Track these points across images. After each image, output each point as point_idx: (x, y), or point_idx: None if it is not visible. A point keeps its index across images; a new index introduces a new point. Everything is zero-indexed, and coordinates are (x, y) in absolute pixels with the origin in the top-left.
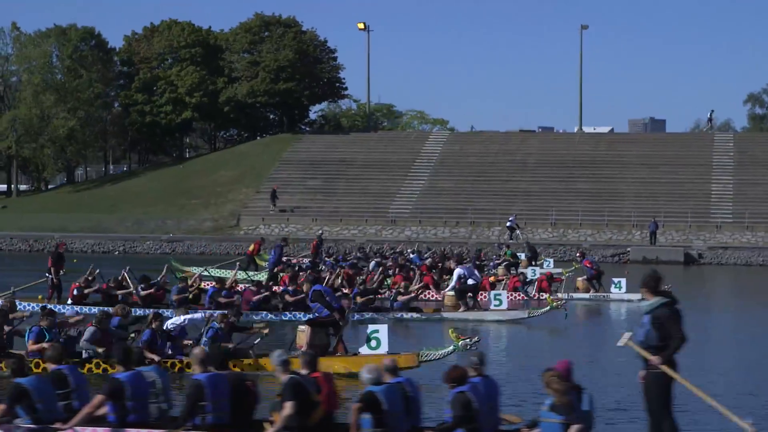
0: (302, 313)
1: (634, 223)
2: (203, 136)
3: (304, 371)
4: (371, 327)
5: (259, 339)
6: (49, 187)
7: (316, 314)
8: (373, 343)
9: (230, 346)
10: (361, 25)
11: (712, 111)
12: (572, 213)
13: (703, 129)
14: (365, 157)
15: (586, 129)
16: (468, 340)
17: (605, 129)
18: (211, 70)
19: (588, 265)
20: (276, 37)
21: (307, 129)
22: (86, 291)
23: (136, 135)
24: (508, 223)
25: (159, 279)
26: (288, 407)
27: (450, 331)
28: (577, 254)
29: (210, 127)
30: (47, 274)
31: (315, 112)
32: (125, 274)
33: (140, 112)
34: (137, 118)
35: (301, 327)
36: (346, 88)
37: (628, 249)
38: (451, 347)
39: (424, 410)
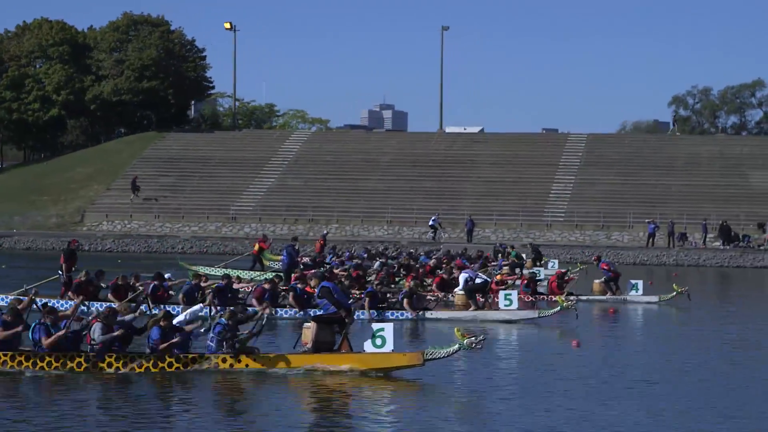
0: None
1: (467, 221)
2: (85, 134)
3: None
4: (376, 325)
5: (259, 324)
6: None
7: (322, 311)
8: (378, 341)
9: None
10: (228, 25)
11: (676, 113)
12: (409, 211)
13: (668, 132)
14: (223, 155)
15: (454, 129)
16: (473, 338)
17: (475, 129)
18: (79, 69)
19: (605, 267)
20: (142, 36)
21: (187, 127)
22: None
23: (3, 132)
24: (430, 222)
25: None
26: None
27: (456, 329)
28: (593, 258)
29: (87, 124)
30: (59, 272)
31: (198, 111)
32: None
33: (8, 110)
34: (5, 115)
35: (307, 324)
36: (213, 87)
37: (441, 245)
38: (456, 346)
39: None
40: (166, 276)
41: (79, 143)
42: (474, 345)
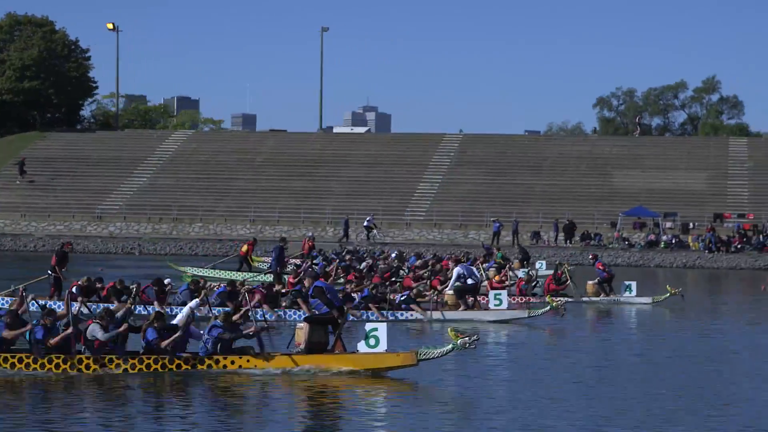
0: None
1: (329, 220)
2: None
3: None
4: (370, 325)
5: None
6: None
7: (315, 311)
8: (372, 341)
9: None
10: (110, 26)
11: (639, 116)
12: (273, 210)
13: (634, 134)
14: (101, 155)
15: (342, 129)
16: (467, 338)
17: (362, 130)
18: None
19: (600, 267)
20: (25, 36)
21: (79, 127)
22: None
23: None
24: (365, 223)
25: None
26: None
27: (449, 329)
28: (590, 257)
29: None
30: (49, 272)
31: (91, 111)
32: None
33: None
34: None
35: (300, 324)
36: (96, 87)
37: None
38: (450, 346)
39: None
40: (166, 281)
41: None
42: (467, 345)
